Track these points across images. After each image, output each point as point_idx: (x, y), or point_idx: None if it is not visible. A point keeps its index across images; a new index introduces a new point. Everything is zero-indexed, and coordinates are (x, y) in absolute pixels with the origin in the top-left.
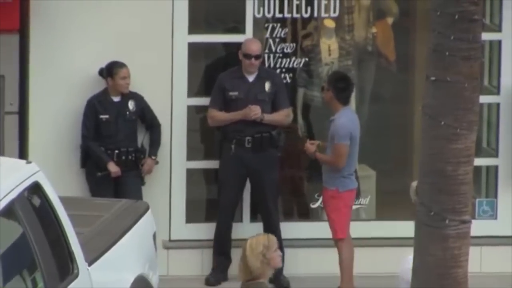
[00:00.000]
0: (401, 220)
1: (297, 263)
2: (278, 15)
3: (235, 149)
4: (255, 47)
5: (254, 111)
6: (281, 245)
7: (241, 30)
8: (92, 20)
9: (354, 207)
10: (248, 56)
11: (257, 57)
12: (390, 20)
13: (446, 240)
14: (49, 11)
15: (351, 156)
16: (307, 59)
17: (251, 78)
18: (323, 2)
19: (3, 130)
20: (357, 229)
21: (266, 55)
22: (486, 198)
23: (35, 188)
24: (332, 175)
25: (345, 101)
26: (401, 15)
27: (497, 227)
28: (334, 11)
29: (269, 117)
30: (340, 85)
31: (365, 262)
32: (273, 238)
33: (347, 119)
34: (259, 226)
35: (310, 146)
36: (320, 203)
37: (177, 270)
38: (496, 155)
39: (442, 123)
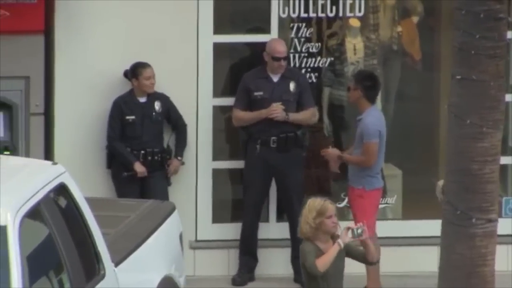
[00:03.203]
0: (427, 219)
1: None
2: (303, 14)
3: (260, 149)
4: (282, 49)
5: (275, 110)
6: None
7: (266, 30)
8: (117, 21)
9: (380, 206)
10: (277, 59)
11: (285, 58)
12: (415, 19)
13: (473, 238)
14: (74, 12)
15: (378, 155)
16: (332, 58)
17: (275, 78)
18: (348, 2)
19: (29, 132)
20: (383, 228)
21: (291, 55)
22: None
23: (61, 189)
24: (358, 174)
25: (373, 100)
26: (426, 14)
27: None
28: (359, 10)
29: (294, 116)
30: (368, 84)
31: (391, 261)
32: (327, 204)
33: (375, 118)
34: (285, 226)
35: (331, 150)
36: (347, 203)
37: (203, 270)
38: None
39: (468, 121)
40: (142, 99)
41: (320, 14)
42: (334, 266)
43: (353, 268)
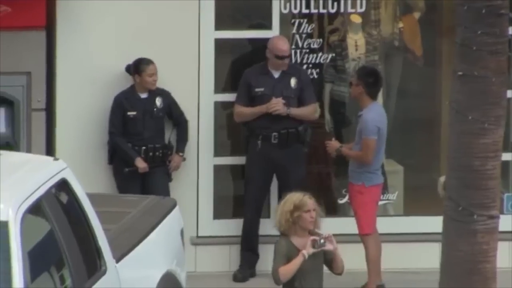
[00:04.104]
0: (429, 215)
1: None
2: (304, 10)
3: (262, 145)
4: (285, 47)
5: (276, 104)
6: None
7: (267, 26)
8: (119, 17)
9: (381, 202)
10: (280, 57)
11: (288, 57)
12: (416, 15)
13: (474, 235)
14: (76, 8)
15: (378, 151)
16: (333, 54)
17: (276, 74)
18: None
19: (31, 127)
20: (384, 224)
21: (293, 51)
22: None
23: (63, 185)
24: (358, 170)
25: (375, 96)
26: (428, 10)
27: None
28: (361, 6)
29: (296, 111)
30: (370, 80)
31: (392, 257)
32: (306, 199)
33: (375, 114)
34: None
35: (333, 142)
36: (348, 199)
37: (204, 266)
38: None
39: (470, 117)
40: (144, 95)
41: (321, 10)
42: (312, 264)
43: (354, 264)
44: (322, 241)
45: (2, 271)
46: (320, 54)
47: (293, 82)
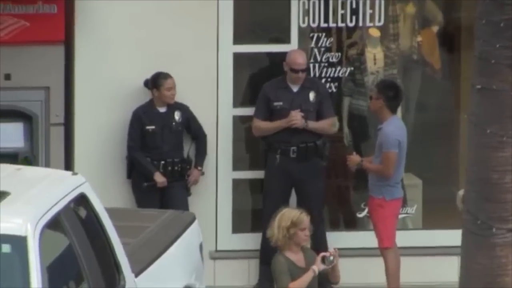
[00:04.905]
0: (447, 228)
1: (344, 273)
2: (323, 24)
3: (280, 159)
4: (301, 61)
5: (295, 116)
6: None
7: (286, 40)
8: (137, 31)
9: (400, 216)
10: (295, 71)
11: (303, 70)
12: (435, 29)
13: (493, 248)
14: (94, 22)
15: (398, 164)
16: (352, 68)
17: (295, 88)
18: (368, 11)
19: (49, 142)
20: (403, 238)
21: (311, 65)
22: None
23: (81, 200)
24: (378, 184)
25: (395, 109)
26: (446, 24)
27: None
28: (379, 20)
29: (313, 125)
30: (391, 93)
31: (411, 271)
32: (303, 217)
33: (395, 127)
34: None
35: (354, 156)
36: (367, 213)
37: (223, 280)
38: None
39: (488, 131)
40: (162, 109)
41: (340, 24)
42: (313, 278)
43: (374, 278)
44: (331, 258)
45: (21, 286)
46: (338, 68)
47: (311, 95)
